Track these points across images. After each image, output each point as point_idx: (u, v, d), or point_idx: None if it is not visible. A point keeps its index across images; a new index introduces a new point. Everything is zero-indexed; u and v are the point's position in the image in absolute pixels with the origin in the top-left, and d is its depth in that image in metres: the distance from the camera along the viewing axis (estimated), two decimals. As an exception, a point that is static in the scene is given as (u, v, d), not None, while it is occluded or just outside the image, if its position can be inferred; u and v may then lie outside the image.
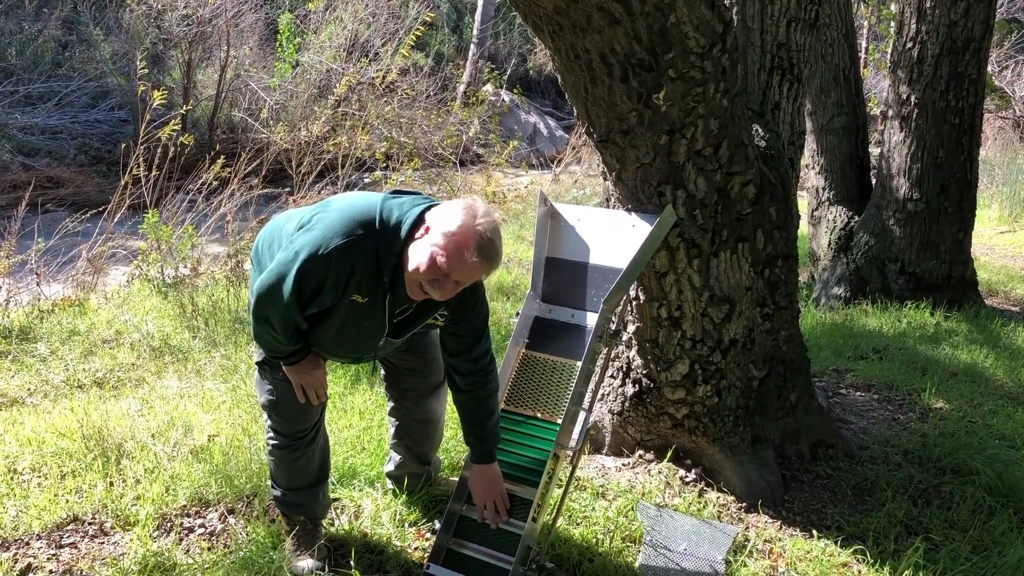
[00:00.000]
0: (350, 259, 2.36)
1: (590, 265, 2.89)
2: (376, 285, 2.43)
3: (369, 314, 2.49)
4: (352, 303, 2.44)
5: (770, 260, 3.24)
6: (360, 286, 2.41)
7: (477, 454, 2.72)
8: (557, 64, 2.79)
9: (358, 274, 2.39)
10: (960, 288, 6.28)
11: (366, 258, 2.39)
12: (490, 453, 2.71)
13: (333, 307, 2.46)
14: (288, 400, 2.69)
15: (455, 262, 2.32)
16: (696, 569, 2.88)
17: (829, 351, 5.17)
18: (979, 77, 6.01)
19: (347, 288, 2.40)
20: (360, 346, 2.64)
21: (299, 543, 2.81)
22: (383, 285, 2.43)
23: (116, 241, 6.73)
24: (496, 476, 2.71)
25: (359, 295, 2.43)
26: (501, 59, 18.10)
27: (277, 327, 2.47)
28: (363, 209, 2.42)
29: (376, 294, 2.45)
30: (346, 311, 2.47)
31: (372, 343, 2.61)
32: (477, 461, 2.71)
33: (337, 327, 2.52)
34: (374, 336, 2.57)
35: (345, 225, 2.38)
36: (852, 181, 6.97)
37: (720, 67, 2.70)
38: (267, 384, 2.72)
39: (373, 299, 2.45)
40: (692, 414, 3.31)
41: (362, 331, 2.55)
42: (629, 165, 2.91)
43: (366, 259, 2.39)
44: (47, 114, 11.51)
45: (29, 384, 4.51)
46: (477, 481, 2.71)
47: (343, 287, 2.40)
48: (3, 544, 2.93)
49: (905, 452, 3.70)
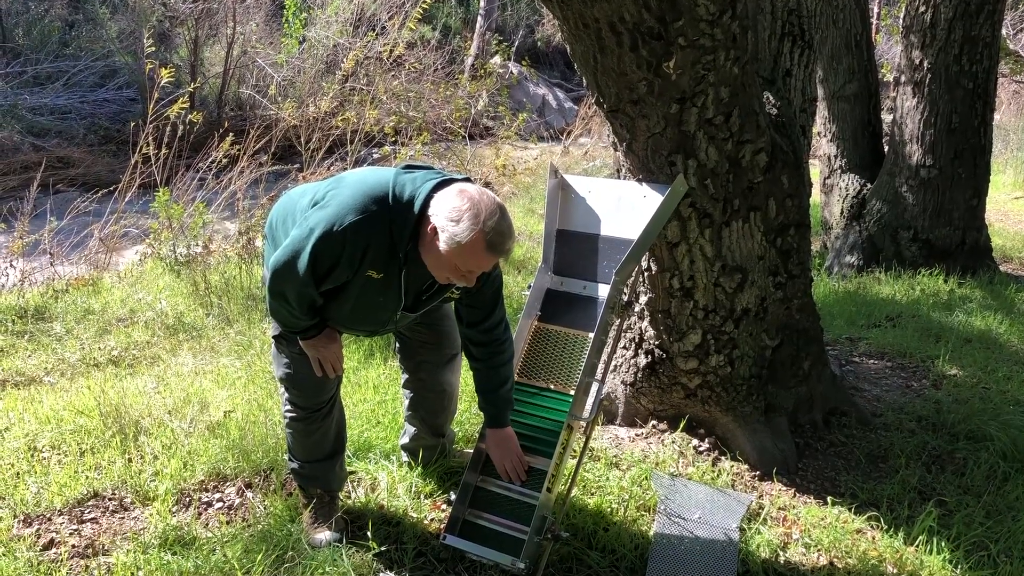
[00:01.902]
0: (365, 235, 2.37)
1: (601, 236, 2.88)
2: (391, 261, 2.44)
3: (385, 289, 2.50)
4: (367, 279, 2.45)
5: (782, 229, 3.23)
6: (375, 262, 2.42)
7: (491, 419, 2.75)
8: (565, 34, 2.77)
9: (373, 250, 2.39)
10: (974, 254, 6.24)
11: (381, 234, 2.39)
12: (504, 418, 2.75)
13: (348, 283, 2.46)
14: (305, 374, 2.70)
15: (473, 265, 2.37)
16: (710, 537, 2.90)
17: (842, 319, 5.16)
18: (993, 40, 5.93)
19: (362, 264, 2.41)
20: (376, 320, 2.65)
21: (316, 516, 2.84)
22: (398, 261, 2.44)
23: (128, 220, 6.76)
24: (511, 439, 2.74)
25: (374, 271, 2.44)
26: (509, 31, 17.96)
27: (293, 302, 2.48)
28: (376, 185, 2.42)
29: (391, 269, 2.45)
30: (361, 286, 2.47)
31: (388, 317, 2.62)
32: (491, 426, 2.75)
33: (353, 302, 2.53)
34: (390, 310, 2.58)
35: (359, 201, 2.38)
36: (864, 148, 6.91)
37: (730, 34, 2.68)
38: (284, 358, 2.73)
39: (388, 274, 2.46)
40: (705, 384, 3.31)
41: (378, 305, 2.56)
42: (639, 135, 2.89)
43: (381, 235, 2.39)
44: (56, 94, 11.52)
45: (46, 363, 4.55)
46: (493, 445, 2.75)
47: (358, 263, 2.40)
48: (26, 520, 2.97)
49: (919, 419, 3.70)
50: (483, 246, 2.32)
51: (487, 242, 2.31)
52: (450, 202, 2.35)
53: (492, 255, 2.36)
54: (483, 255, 2.34)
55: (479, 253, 2.33)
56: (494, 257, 2.37)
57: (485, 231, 2.31)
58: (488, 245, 2.32)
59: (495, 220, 2.33)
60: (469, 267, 2.37)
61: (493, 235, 2.32)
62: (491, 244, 2.32)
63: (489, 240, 2.32)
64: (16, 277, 5.70)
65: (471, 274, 2.41)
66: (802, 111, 3.55)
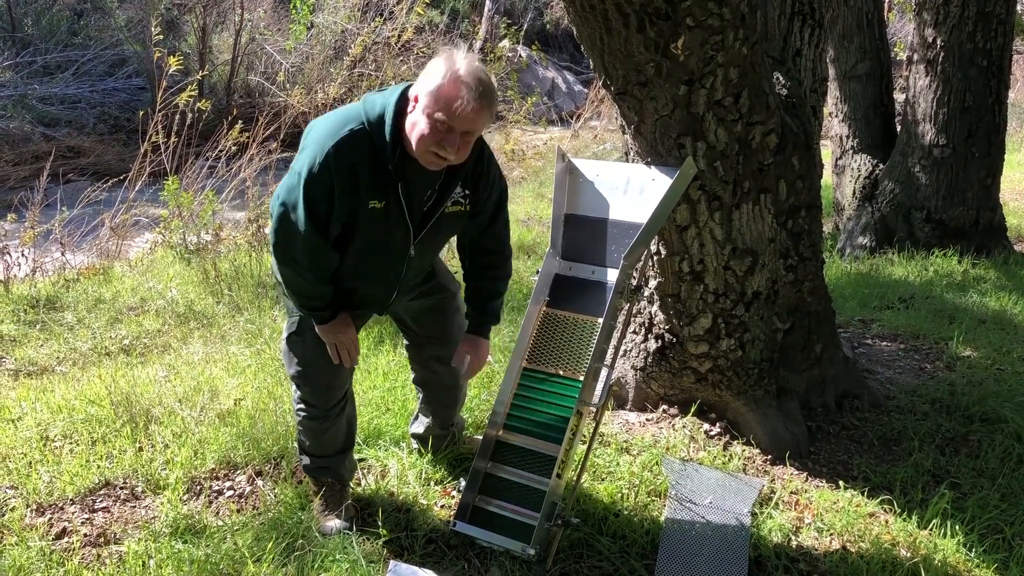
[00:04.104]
0: (348, 155, 2.35)
1: (610, 221, 2.85)
2: (386, 181, 2.41)
3: (390, 219, 2.46)
4: (371, 212, 2.42)
5: (793, 211, 3.20)
6: (371, 187, 2.39)
7: (474, 327, 2.85)
8: (572, 16, 2.74)
9: (362, 170, 2.37)
10: (988, 234, 6.18)
11: (363, 151, 2.37)
12: (485, 329, 2.86)
13: (355, 225, 2.43)
14: (319, 370, 2.70)
15: (452, 114, 2.28)
16: (722, 522, 2.88)
17: (854, 301, 5.12)
18: (1008, 17, 5.84)
19: (358, 190, 2.38)
20: (392, 263, 2.58)
21: (327, 504, 2.84)
22: (391, 177, 2.41)
23: (138, 209, 6.77)
24: (484, 346, 2.86)
25: (375, 200, 2.41)
26: (517, 14, 17.86)
27: (304, 263, 2.45)
28: (347, 111, 2.43)
29: (389, 191, 2.42)
30: (368, 224, 2.44)
31: (403, 255, 2.56)
32: (472, 332, 2.84)
33: (363, 243, 2.49)
34: (401, 243, 2.53)
35: (333, 128, 2.38)
36: (876, 128, 6.84)
37: (739, 14, 2.64)
38: (296, 356, 2.72)
39: (388, 199, 2.43)
40: (716, 368, 3.29)
41: (389, 243, 2.52)
42: (648, 117, 2.86)
43: (363, 152, 2.37)
44: (65, 84, 11.53)
45: (58, 352, 4.57)
46: (468, 346, 2.83)
47: (353, 189, 2.37)
48: (39, 509, 2.99)
49: (932, 401, 3.67)
50: (458, 81, 2.27)
51: (463, 80, 2.27)
52: (428, 67, 2.35)
53: (469, 94, 2.27)
54: (459, 91, 2.26)
55: (455, 90, 2.26)
56: (472, 97, 2.27)
57: (459, 69, 2.28)
58: (464, 83, 2.26)
59: (470, 61, 2.31)
60: (447, 115, 2.27)
61: (467, 74, 2.28)
62: (467, 82, 2.27)
63: (464, 78, 2.27)
64: (28, 267, 5.72)
65: (452, 134, 2.30)
66: (813, 91, 3.50)
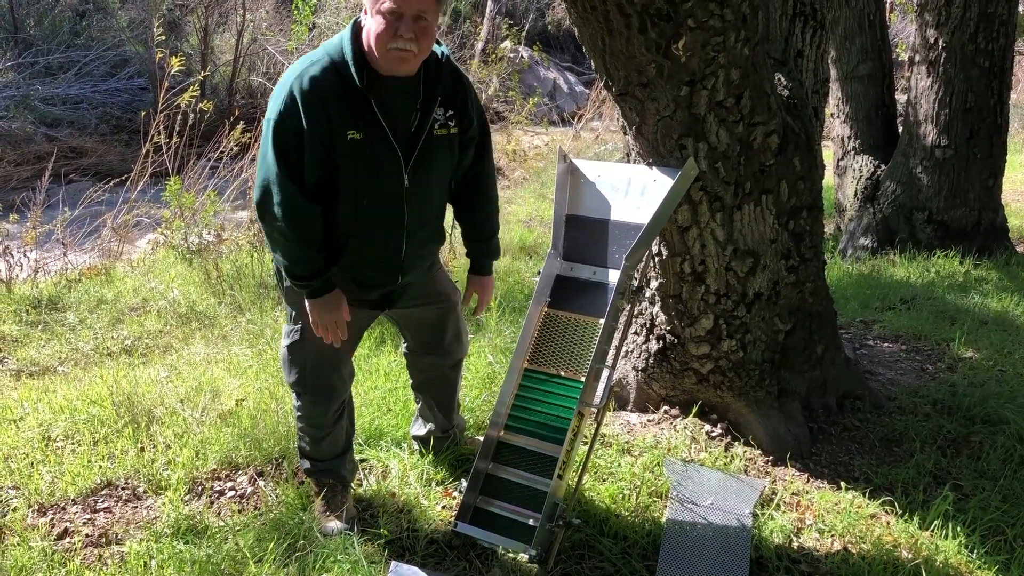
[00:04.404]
0: (315, 86, 2.36)
1: (611, 221, 2.85)
2: (360, 107, 2.40)
3: (374, 148, 2.44)
4: (351, 144, 2.40)
5: (795, 211, 3.20)
6: (344, 117, 2.38)
7: (478, 268, 2.95)
8: (574, 17, 2.74)
9: (332, 103, 2.37)
10: (990, 235, 6.17)
11: (331, 83, 2.38)
12: (489, 267, 2.97)
13: (337, 164, 2.42)
14: (321, 379, 2.71)
15: None
16: (723, 523, 2.88)
17: (856, 302, 5.12)
18: (1010, 18, 5.84)
19: (331, 122, 2.37)
20: (389, 201, 2.55)
21: (328, 504, 2.85)
22: (365, 102, 2.40)
23: (140, 209, 6.78)
24: (491, 284, 3.00)
25: (352, 131, 2.40)
26: (519, 15, 17.85)
27: (282, 217, 2.41)
28: (309, 54, 2.46)
29: (366, 118, 2.41)
30: (350, 158, 2.42)
31: (399, 189, 2.53)
32: (477, 273, 2.95)
33: (353, 186, 2.47)
34: (395, 174, 2.51)
35: (297, 68, 2.41)
36: (878, 129, 6.84)
37: (740, 15, 2.64)
38: (296, 366, 2.73)
39: (367, 128, 2.42)
40: (717, 369, 3.29)
41: (380, 177, 2.49)
42: (649, 118, 2.86)
43: (332, 84, 2.38)
44: (67, 84, 11.54)
45: (60, 353, 4.58)
46: (476, 286, 2.95)
47: (325, 121, 2.36)
48: (40, 509, 2.99)
49: (934, 402, 3.66)
50: None
51: None
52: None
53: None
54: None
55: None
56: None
57: None
58: None
59: None
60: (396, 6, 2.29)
61: None
62: None
63: None
64: (30, 267, 5.73)
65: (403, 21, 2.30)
66: (814, 92, 3.51)
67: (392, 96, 2.44)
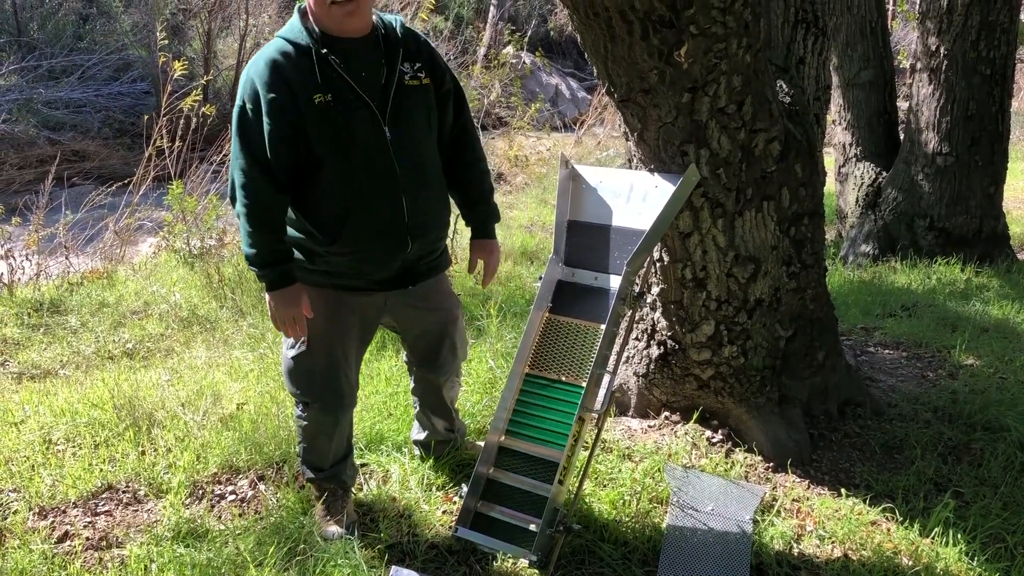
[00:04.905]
0: (269, 64, 2.41)
1: (612, 227, 2.86)
2: (325, 73, 2.43)
3: (347, 105, 2.46)
4: (320, 108, 2.42)
5: (796, 218, 3.20)
6: (307, 85, 2.41)
7: (480, 232, 2.95)
8: (576, 23, 2.74)
9: (292, 76, 2.40)
10: (992, 242, 6.17)
11: (285, 55, 2.42)
12: (491, 229, 2.95)
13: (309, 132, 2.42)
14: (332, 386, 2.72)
15: None
16: (724, 529, 2.88)
17: (857, 309, 5.12)
18: (1011, 26, 5.85)
19: (291, 90, 2.39)
20: (376, 156, 2.53)
21: (328, 509, 2.85)
22: (331, 67, 2.43)
23: (142, 213, 6.80)
24: (496, 247, 2.97)
25: (318, 94, 2.41)
26: (521, 20, 17.89)
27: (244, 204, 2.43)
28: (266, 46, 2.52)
29: (331, 79, 2.43)
30: (321, 121, 2.43)
31: (382, 142, 2.52)
32: (480, 238, 2.95)
33: (334, 147, 2.46)
34: (374, 128, 2.50)
35: (255, 60, 2.46)
36: (880, 136, 6.84)
37: (743, 22, 2.65)
38: (304, 378, 2.73)
39: (333, 88, 2.44)
40: (718, 375, 3.29)
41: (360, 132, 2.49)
42: (651, 125, 2.87)
43: (285, 55, 2.42)
44: (70, 88, 11.58)
45: (61, 356, 4.59)
46: (482, 252, 2.95)
47: (286, 90, 2.39)
48: (41, 512, 2.99)
49: (935, 409, 3.66)
50: None
51: None
52: None
53: None
54: None
55: None
56: None
57: None
58: None
59: None
60: None
61: None
62: None
63: None
64: (32, 270, 5.74)
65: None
66: (816, 99, 3.51)
67: (353, 55, 2.48)
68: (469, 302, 4.96)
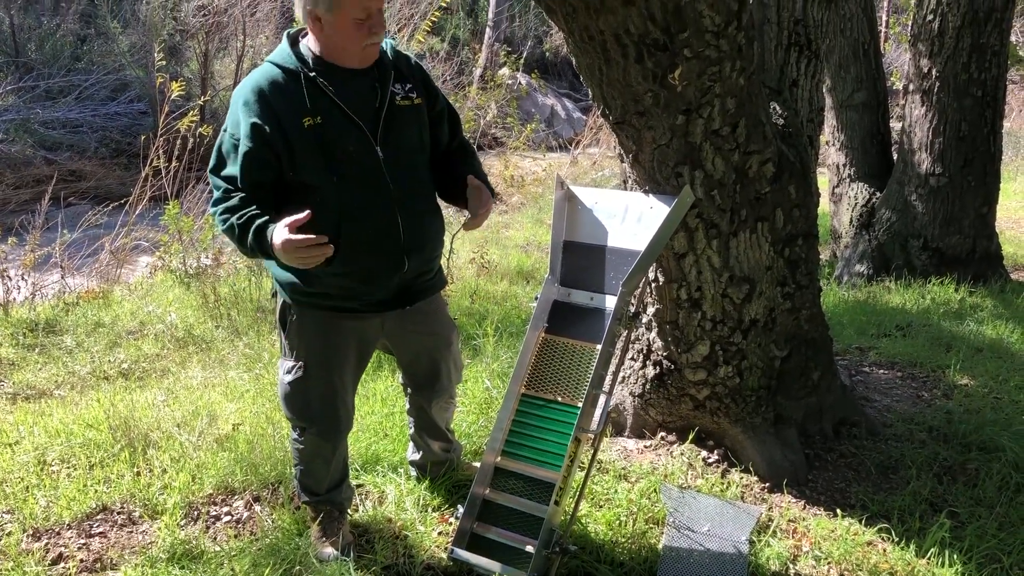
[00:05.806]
0: (255, 90, 2.43)
1: (608, 248, 2.87)
2: (315, 98, 2.44)
3: (337, 126, 2.47)
4: (309, 131, 2.43)
5: (790, 239, 3.22)
6: (295, 110, 2.42)
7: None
8: (571, 46, 2.77)
9: (279, 103, 2.42)
10: (985, 263, 6.20)
11: (276, 87, 2.44)
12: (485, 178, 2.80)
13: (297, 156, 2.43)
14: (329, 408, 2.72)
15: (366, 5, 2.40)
16: (720, 549, 2.88)
17: (852, 329, 5.13)
18: (1002, 48, 5.91)
19: (277, 115, 2.41)
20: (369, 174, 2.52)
21: (324, 530, 2.84)
22: (322, 92, 2.45)
23: (138, 233, 6.81)
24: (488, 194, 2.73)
25: (307, 117, 2.43)
26: (517, 42, 18.02)
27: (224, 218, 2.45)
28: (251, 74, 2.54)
29: (320, 103, 2.45)
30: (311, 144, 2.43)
31: (374, 161, 2.52)
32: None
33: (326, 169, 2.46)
34: (366, 147, 2.51)
35: (241, 88, 2.48)
36: (873, 157, 6.89)
37: (736, 45, 2.68)
38: (300, 403, 2.72)
39: (323, 111, 2.45)
40: (714, 395, 3.30)
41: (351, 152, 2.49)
42: (646, 146, 2.89)
43: (277, 87, 2.43)
44: (67, 108, 11.61)
45: (56, 376, 4.58)
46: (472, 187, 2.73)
47: (268, 112, 2.41)
48: (35, 534, 2.98)
49: (930, 429, 3.67)
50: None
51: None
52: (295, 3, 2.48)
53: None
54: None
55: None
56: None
57: None
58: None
59: None
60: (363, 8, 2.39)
61: None
62: None
63: None
64: (27, 290, 5.73)
65: (370, 19, 2.41)
66: (809, 121, 3.54)
67: (346, 79, 2.50)
68: (465, 322, 4.97)
